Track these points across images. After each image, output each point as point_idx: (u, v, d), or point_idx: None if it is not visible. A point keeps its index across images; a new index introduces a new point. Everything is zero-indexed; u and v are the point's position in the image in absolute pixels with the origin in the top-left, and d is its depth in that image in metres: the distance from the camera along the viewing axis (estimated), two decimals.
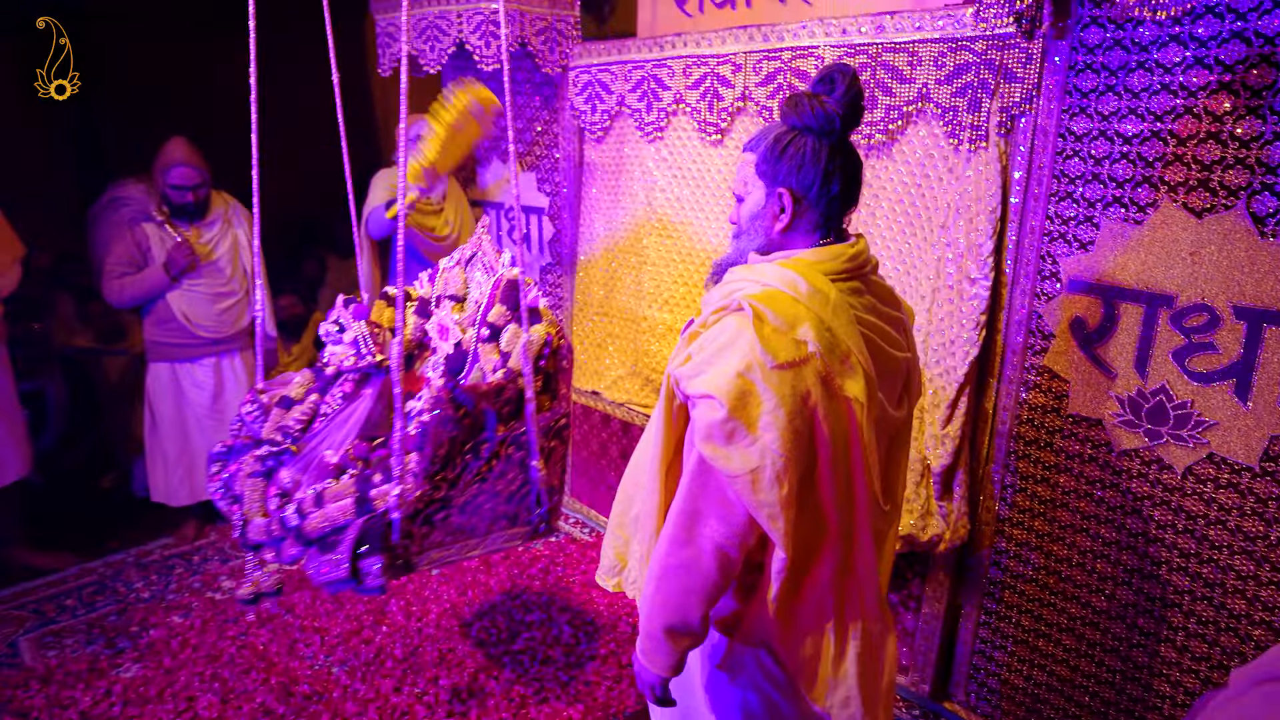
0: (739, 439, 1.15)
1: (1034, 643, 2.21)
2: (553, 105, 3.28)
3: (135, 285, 3.09)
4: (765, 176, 1.31)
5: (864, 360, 1.24)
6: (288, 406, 2.08)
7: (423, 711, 2.37)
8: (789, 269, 1.26)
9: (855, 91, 1.28)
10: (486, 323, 2.03)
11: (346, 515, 1.67)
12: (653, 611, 1.28)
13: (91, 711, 2.38)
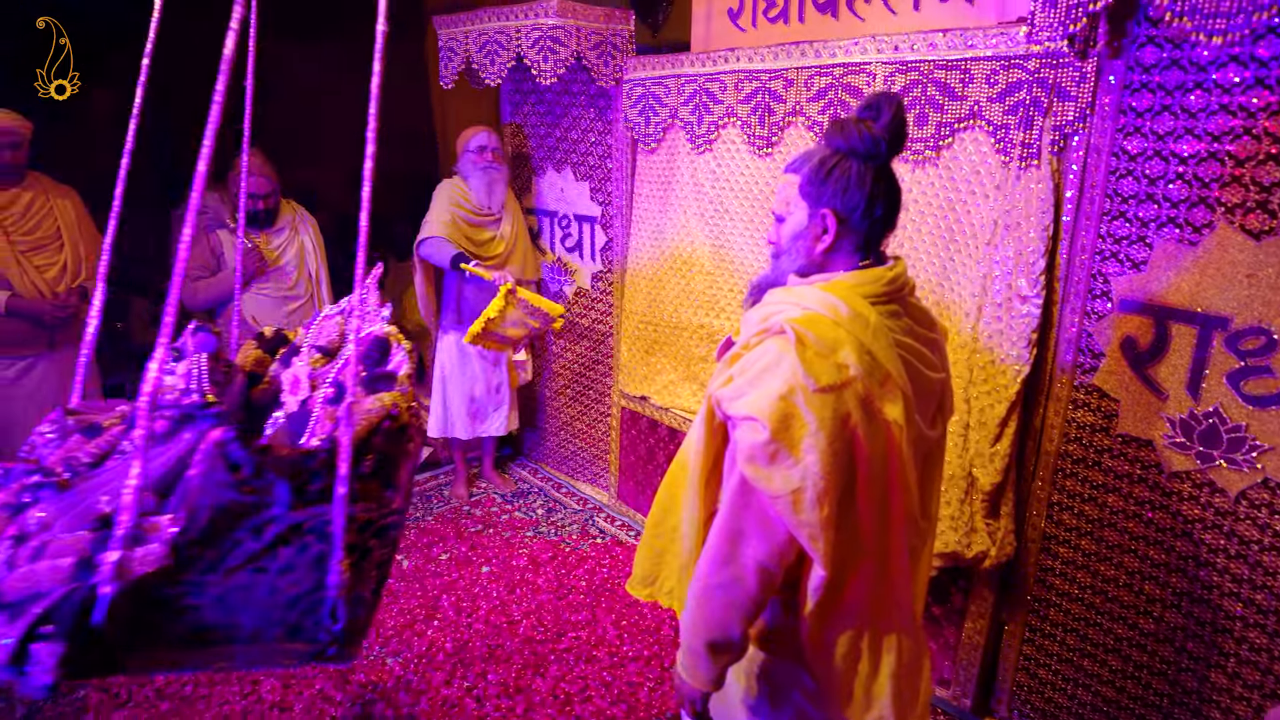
0: (781, 460, 1.18)
1: (1079, 662, 2.20)
2: (607, 117, 3.35)
3: (209, 289, 3.26)
4: (809, 198, 1.33)
5: (903, 382, 1.26)
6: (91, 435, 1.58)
7: (472, 705, 2.46)
8: (829, 293, 1.28)
9: (900, 119, 1.31)
10: (337, 381, 1.59)
11: (56, 579, 1.15)
12: (696, 627, 1.32)
13: (165, 689, 2.53)
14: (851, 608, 1.33)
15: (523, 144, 3.84)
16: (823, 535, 1.19)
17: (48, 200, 2.92)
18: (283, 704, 2.47)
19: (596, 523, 3.66)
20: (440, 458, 4.36)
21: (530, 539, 3.49)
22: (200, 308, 3.36)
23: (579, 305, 3.78)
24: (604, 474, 3.84)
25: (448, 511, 3.77)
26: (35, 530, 1.30)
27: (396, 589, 3.08)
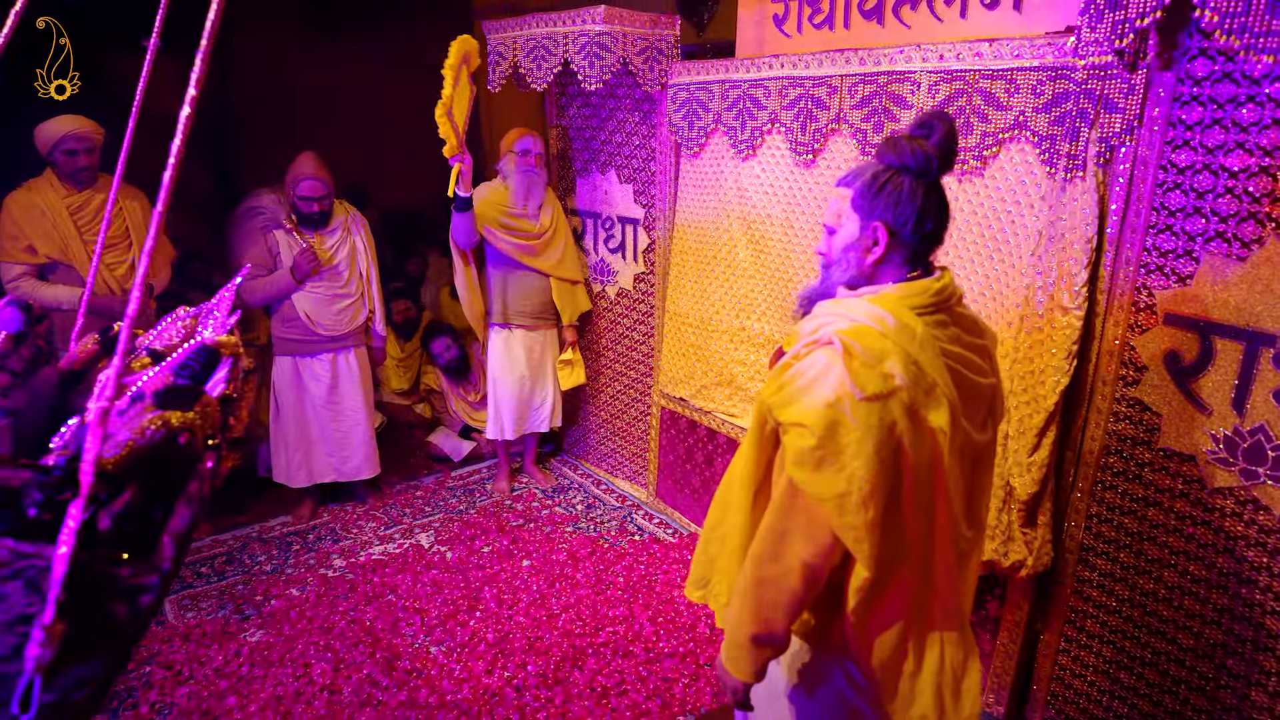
0: (828, 465, 1.24)
1: (1115, 674, 2.20)
2: (651, 121, 3.39)
3: (266, 287, 3.39)
4: (861, 211, 1.38)
5: (948, 391, 1.30)
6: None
7: (511, 694, 2.55)
8: (876, 305, 1.33)
9: (952, 137, 1.36)
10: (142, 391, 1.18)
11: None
12: (741, 622, 1.38)
13: (224, 669, 2.67)
14: (895, 608, 1.37)
15: (567, 146, 3.91)
16: (867, 538, 1.25)
17: (118, 201, 3.07)
18: (332, 687, 2.58)
19: (635, 520, 3.72)
20: (484, 452, 4.47)
21: (570, 534, 3.57)
22: (257, 305, 3.50)
23: (621, 305, 3.84)
24: (643, 472, 3.90)
25: (490, 505, 3.87)
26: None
27: (440, 580, 3.18)
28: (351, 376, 3.63)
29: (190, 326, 1.44)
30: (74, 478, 0.82)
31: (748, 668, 1.39)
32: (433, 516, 3.77)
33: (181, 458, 1.00)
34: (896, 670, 1.40)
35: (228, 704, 2.51)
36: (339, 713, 2.47)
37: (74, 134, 2.87)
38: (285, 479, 3.65)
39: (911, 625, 1.39)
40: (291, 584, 3.20)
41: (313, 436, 3.62)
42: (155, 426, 0.98)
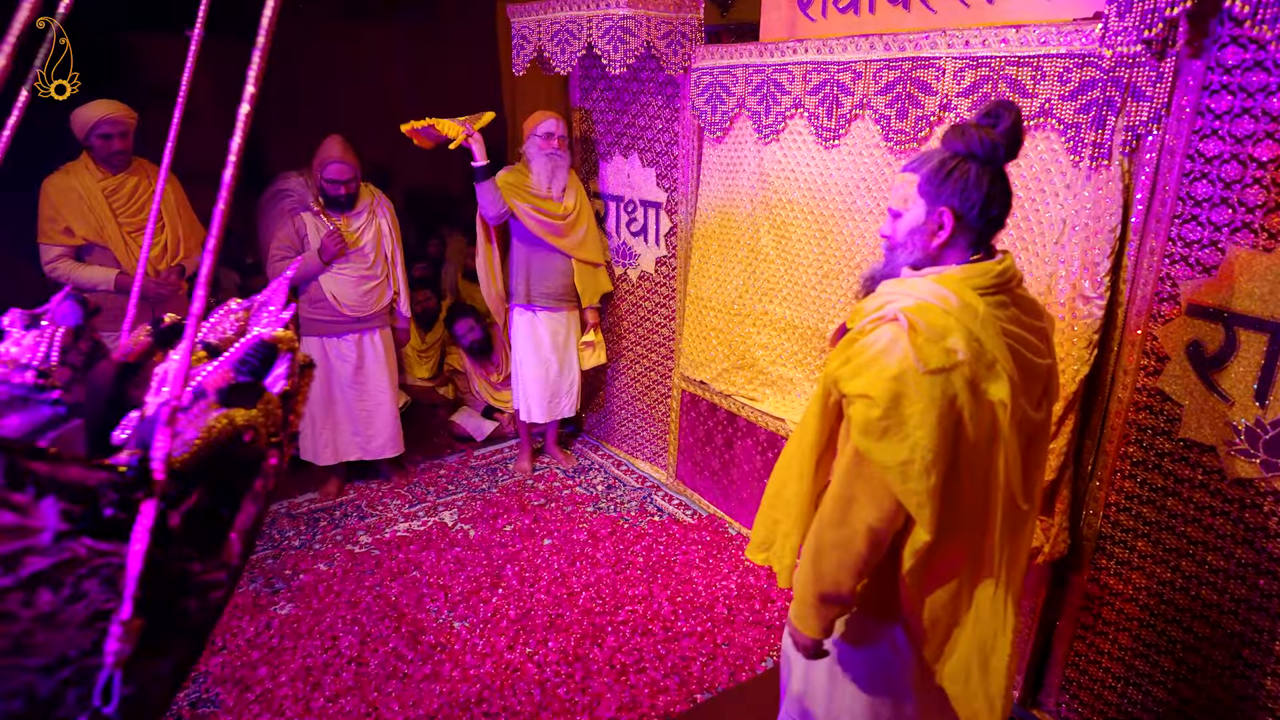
0: (892, 435, 1.31)
1: (1131, 661, 2.21)
2: (674, 104, 3.39)
3: (294, 269, 3.44)
4: (927, 196, 1.44)
5: (1009, 367, 1.36)
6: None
7: (533, 670, 2.61)
8: (940, 284, 1.40)
9: (1018, 127, 1.40)
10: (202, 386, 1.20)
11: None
12: (808, 581, 1.47)
13: (256, 640, 2.76)
14: (947, 570, 1.45)
15: (590, 129, 3.92)
16: (929, 503, 1.32)
17: (150, 184, 3.13)
18: (360, 659, 2.66)
19: (654, 501, 3.77)
20: (506, 432, 4.53)
21: (590, 514, 3.62)
22: None
23: (643, 288, 3.87)
24: (663, 454, 3.94)
25: (512, 485, 3.93)
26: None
27: (464, 557, 3.25)
28: (377, 357, 3.69)
29: (243, 320, 1.44)
30: (146, 477, 0.85)
31: (815, 624, 1.48)
32: (456, 495, 3.84)
33: (246, 456, 1.01)
34: (942, 627, 1.48)
35: (259, 674, 2.59)
36: (366, 684, 2.55)
37: (109, 118, 2.93)
38: (312, 457, 3.73)
39: (962, 588, 1.46)
40: (319, 559, 3.28)
41: (339, 415, 3.69)
42: (221, 425, 0.98)
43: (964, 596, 1.47)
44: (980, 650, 1.47)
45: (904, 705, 1.60)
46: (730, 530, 3.48)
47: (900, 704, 1.60)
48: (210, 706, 2.48)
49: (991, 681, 1.47)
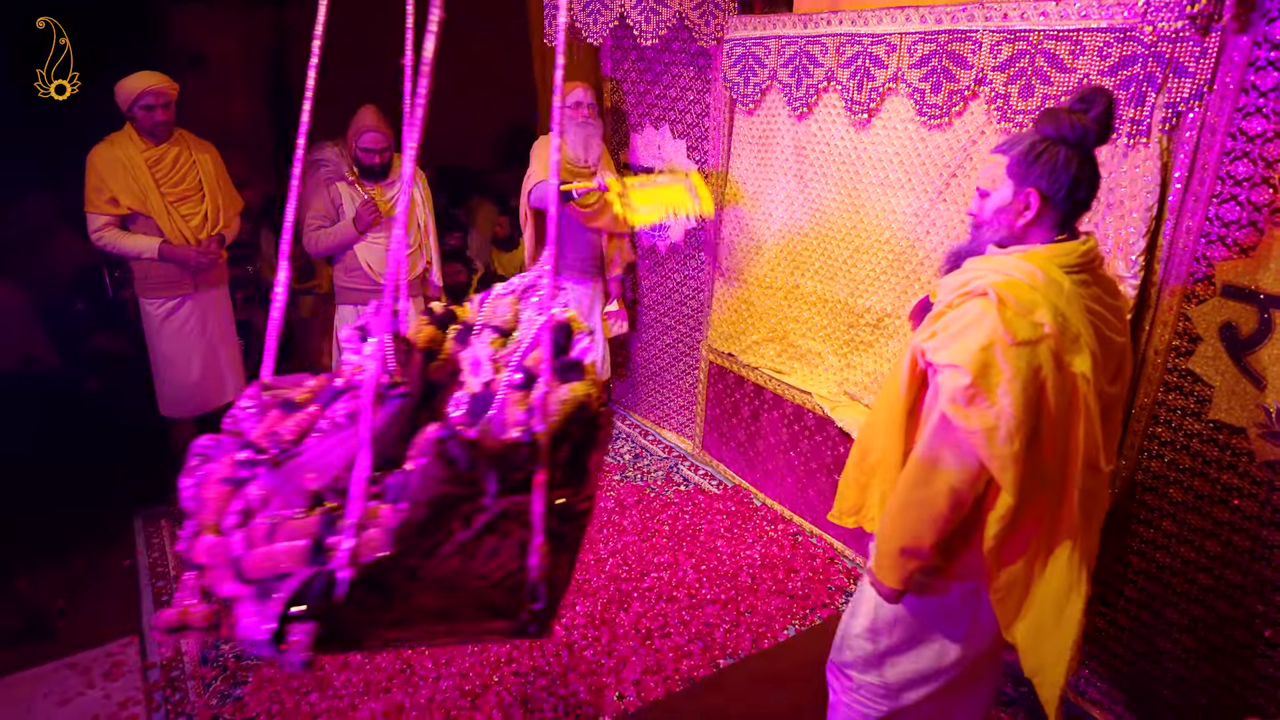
0: (979, 402, 1.38)
1: (1151, 638, 2.23)
2: (706, 76, 3.38)
3: (330, 238, 3.51)
4: (1016, 177, 1.50)
5: (1091, 342, 1.43)
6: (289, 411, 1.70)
7: (561, 632, 2.69)
8: (1027, 261, 1.46)
9: (1110, 113, 1.46)
10: (522, 367, 1.61)
11: (294, 561, 1.26)
12: (890, 536, 1.55)
13: None
14: (1027, 534, 1.51)
15: (621, 100, 3.91)
16: (1012, 467, 1.39)
17: (191, 154, 3.20)
18: None
19: (681, 470, 3.82)
20: None
21: (617, 482, 3.69)
22: (321, 255, 3.63)
23: (672, 260, 3.88)
24: (690, 424, 3.99)
25: None
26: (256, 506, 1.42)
27: None
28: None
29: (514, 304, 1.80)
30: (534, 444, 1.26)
31: (894, 577, 1.57)
32: None
33: (589, 415, 1.41)
34: (1017, 596, 1.54)
35: None
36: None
37: (151, 89, 2.98)
38: None
39: (1040, 551, 1.52)
40: None
41: None
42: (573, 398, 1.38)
43: (1040, 563, 1.53)
44: (1055, 605, 1.53)
45: (949, 652, 1.69)
46: (755, 501, 3.52)
47: (946, 650, 1.69)
48: (254, 659, 2.59)
49: (1063, 633, 1.54)
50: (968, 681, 1.78)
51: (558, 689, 2.45)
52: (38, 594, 2.87)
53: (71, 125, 4.31)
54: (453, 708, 2.38)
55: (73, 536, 3.25)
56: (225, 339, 3.48)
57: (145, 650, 2.65)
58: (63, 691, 2.47)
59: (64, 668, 2.56)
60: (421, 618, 1.38)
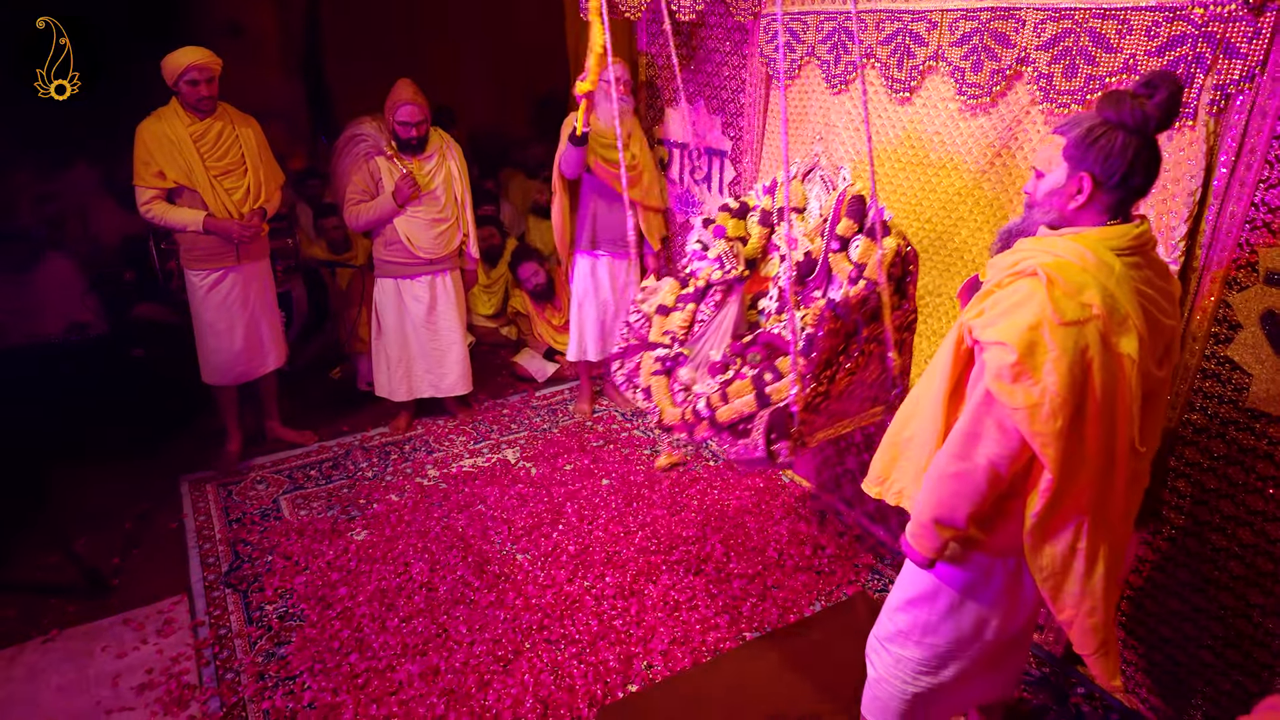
0: (1024, 379, 1.40)
1: (1179, 625, 2.24)
2: (742, 51, 3.35)
3: (369, 212, 3.57)
4: (1071, 160, 1.49)
5: (1139, 324, 1.44)
6: (665, 313, 2.58)
7: (591, 602, 2.76)
8: (1078, 242, 1.46)
9: (1176, 100, 1.43)
10: (836, 235, 2.36)
11: (750, 408, 2.13)
12: (925, 505, 1.59)
13: (335, 562, 2.97)
14: (1072, 512, 1.52)
15: (656, 75, 3.89)
16: (1054, 444, 1.41)
17: (234, 129, 3.26)
18: (430, 584, 2.85)
19: (710, 445, 3.86)
20: (566, 374, 4.66)
21: (647, 456, 3.74)
22: (361, 229, 3.69)
23: None
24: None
25: (572, 426, 4.07)
26: (689, 383, 2.37)
27: (526, 493, 3.41)
28: (448, 298, 3.82)
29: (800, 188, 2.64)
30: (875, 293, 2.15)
31: (927, 545, 1.62)
32: (518, 434, 4.00)
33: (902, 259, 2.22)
34: (1068, 569, 1.55)
35: (340, 593, 2.81)
36: (436, 607, 2.74)
37: (196, 65, 3.04)
38: (387, 393, 3.91)
39: (1088, 533, 1.53)
40: (391, 490, 3.48)
41: (412, 354, 3.85)
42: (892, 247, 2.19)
43: (1089, 542, 1.53)
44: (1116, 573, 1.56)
45: (988, 626, 1.73)
46: (784, 478, 3.55)
47: (985, 624, 1.72)
48: (296, 620, 2.70)
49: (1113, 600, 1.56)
50: (1001, 656, 1.81)
51: (587, 657, 2.52)
52: (93, 554, 3.00)
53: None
54: (486, 671, 2.46)
55: (122, 500, 3.39)
56: (266, 310, 3.56)
57: (194, 609, 2.78)
58: (120, 645, 2.60)
59: (119, 623, 2.69)
60: (834, 419, 2.20)
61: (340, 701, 2.36)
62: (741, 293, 2.62)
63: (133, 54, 3.35)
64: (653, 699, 2.39)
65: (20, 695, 2.40)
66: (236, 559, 3.03)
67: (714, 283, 2.58)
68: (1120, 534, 1.55)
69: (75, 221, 5.23)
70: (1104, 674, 1.61)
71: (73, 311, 4.31)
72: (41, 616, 2.72)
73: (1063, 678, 2.48)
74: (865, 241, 2.27)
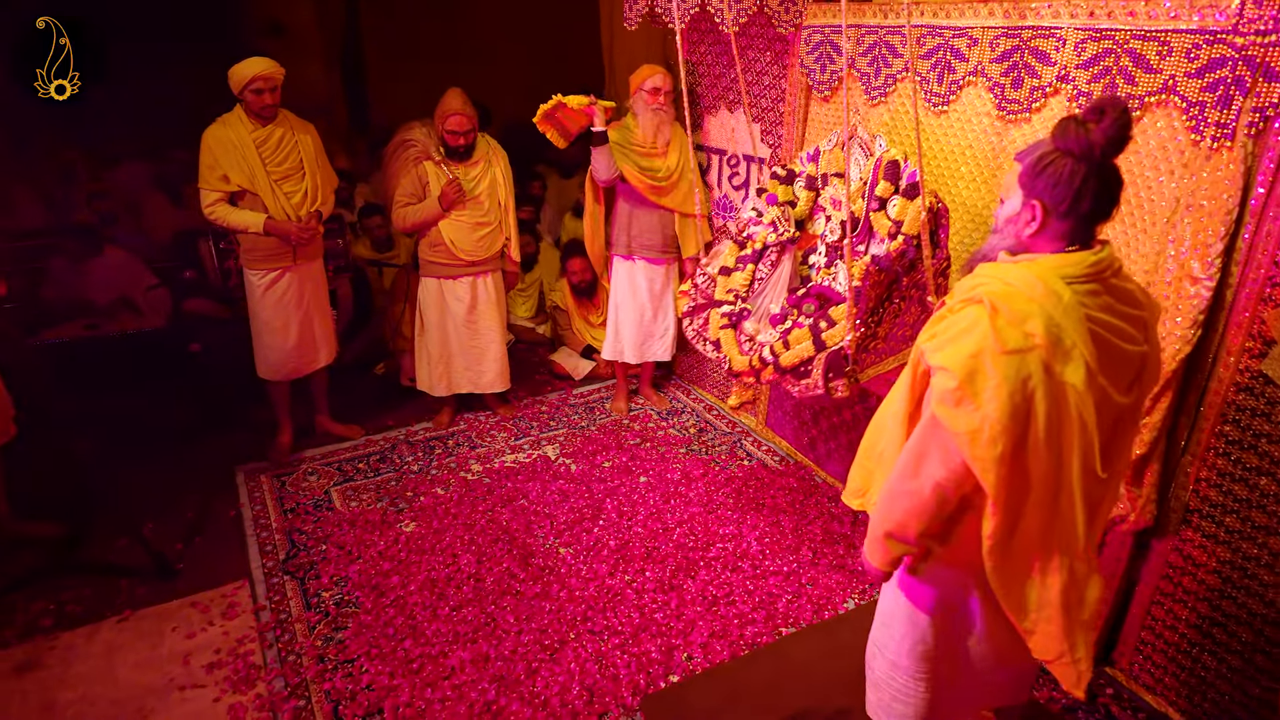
0: (965, 405, 1.44)
1: (1208, 630, 2.30)
2: (782, 61, 3.43)
3: (416, 214, 3.69)
4: (1024, 187, 1.52)
5: (1088, 353, 1.45)
6: (727, 274, 3.01)
7: (632, 595, 2.87)
8: (1028, 271, 1.49)
9: (1123, 123, 1.43)
10: (875, 197, 2.69)
11: (810, 353, 2.53)
12: (879, 520, 1.65)
13: (386, 552, 3.11)
14: (1025, 536, 1.56)
15: (696, 83, 3.98)
16: (993, 470, 1.45)
17: (293, 134, 3.40)
18: (477, 576, 2.98)
19: (744, 445, 3.95)
20: (602, 373, 4.77)
21: (683, 455, 3.84)
22: (409, 231, 3.83)
23: None
24: (754, 401, 4.10)
25: (609, 423, 4.18)
26: (753, 334, 2.81)
27: (566, 489, 3.53)
28: (489, 299, 3.94)
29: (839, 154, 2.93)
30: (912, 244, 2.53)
31: (881, 558, 1.67)
32: (557, 431, 4.12)
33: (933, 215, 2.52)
34: (1023, 588, 1.59)
35: (392, 582, 2.94)
36: (484, 597, 2.86)
37: (262, 75, 3.18)
38: (428, 388, 4.05)
39: (1041, 551, 1.57)
40: (436, 484, 3.61)
41: (453, 351, 3.98)
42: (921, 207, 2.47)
43: (1039, 560, 1.56)
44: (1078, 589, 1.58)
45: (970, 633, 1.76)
46: (817, 478, 3.64)
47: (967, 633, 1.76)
48: (352, 607, 2.84)
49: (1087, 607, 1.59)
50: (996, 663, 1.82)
51: (630, 647, 2.63)
52: (158, 539, 3.17)
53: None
54: (534, 659, 2.58)
55: (181, 489, 3.55)
56: (320, 308, 3.71)
57: (255, 594, 2.92)
58: (188, 626, 2.75)
59: (187, 605, 2.85)
60: (880, 357, 2.55)
61: (396, 684, 2.49)
62: (793, 251, 3.00)
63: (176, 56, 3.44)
64: (693, 689, 2.50)
65: (100, 670, 2.56)
66: (293, 547, 3.17)
67: (769, 244, 2.97)
68: (1080, 558, 1.56)
69: (128, 217, 5.44)
70: (1066, 682, 1.62)
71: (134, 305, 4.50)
72: (114, 597, 2.88)
73: (1091, 678, 2.54)
74: (901, 200, 2.57)
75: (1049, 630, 1.59)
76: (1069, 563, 1.56)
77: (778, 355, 2.62)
